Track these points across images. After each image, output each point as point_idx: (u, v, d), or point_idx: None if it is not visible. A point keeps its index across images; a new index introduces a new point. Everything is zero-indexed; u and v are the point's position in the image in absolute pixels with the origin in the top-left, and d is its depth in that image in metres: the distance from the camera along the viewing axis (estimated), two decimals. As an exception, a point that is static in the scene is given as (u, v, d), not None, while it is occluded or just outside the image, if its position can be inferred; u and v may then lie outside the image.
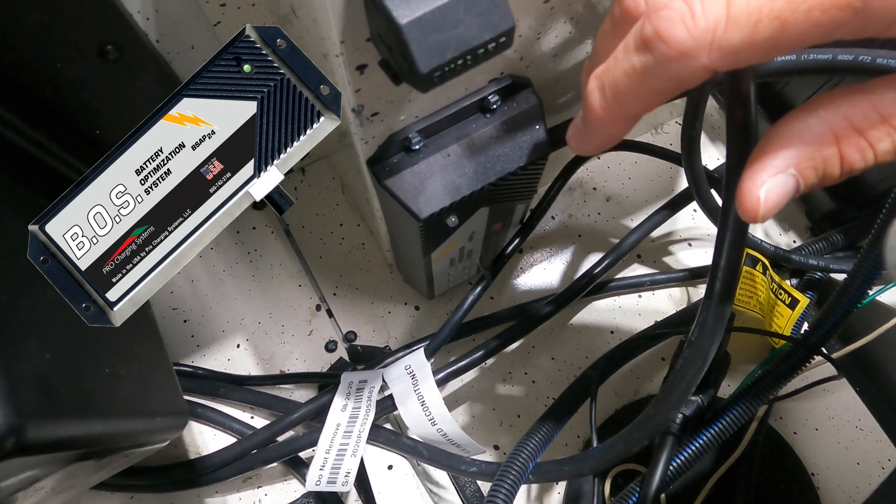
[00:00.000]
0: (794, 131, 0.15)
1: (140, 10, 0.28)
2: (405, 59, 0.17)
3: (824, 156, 0.15)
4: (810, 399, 0.41)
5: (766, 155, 0.15)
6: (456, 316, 0.36)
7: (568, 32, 0.27)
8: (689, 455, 0.31)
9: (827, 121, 0.15)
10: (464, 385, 0.42)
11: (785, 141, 0.15)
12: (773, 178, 0.15)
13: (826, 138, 0.15)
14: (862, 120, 0.14)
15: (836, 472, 0.40)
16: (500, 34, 0.17)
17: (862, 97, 0.15)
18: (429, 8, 0.16)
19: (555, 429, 0.34)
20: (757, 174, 0.15)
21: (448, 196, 0.27)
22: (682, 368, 0.24)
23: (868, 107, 0.14)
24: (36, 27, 0.26)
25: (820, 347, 0.32)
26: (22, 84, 0.28)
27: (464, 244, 0.34)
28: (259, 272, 0.45)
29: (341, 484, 0.34)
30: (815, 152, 0.15)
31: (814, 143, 0.15)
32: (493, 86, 0.27)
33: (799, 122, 0.15)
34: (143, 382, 0.29)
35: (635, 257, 0.46)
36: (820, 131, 0.15)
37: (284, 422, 0.38)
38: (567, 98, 0.33)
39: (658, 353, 0.42)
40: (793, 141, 0.15)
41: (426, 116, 0.26)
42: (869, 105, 0.14)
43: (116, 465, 0.30)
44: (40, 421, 0.20)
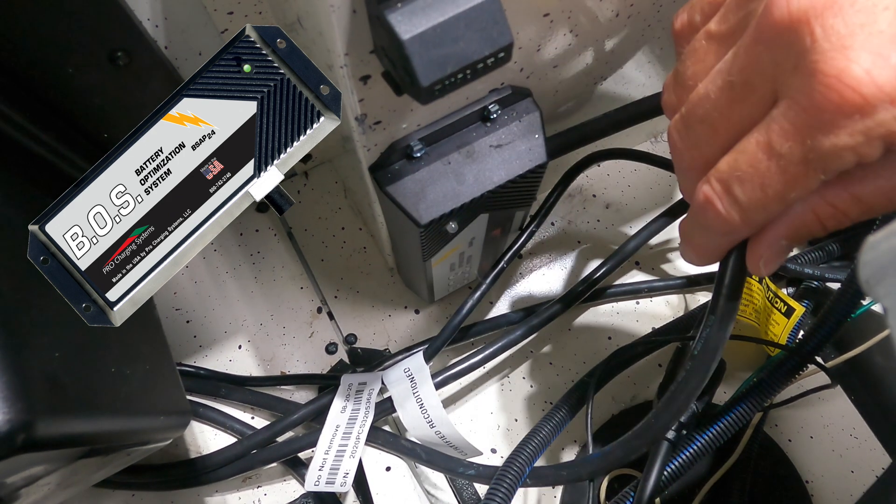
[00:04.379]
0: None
1: (150, 18, 0.29)
2: (407, 72, 0.17)
3: (805, 222, 0.17)
4: (805, 407, 0.41)
5: (762, 232, 0.18)
6: (455, 320, 0.36)
7: (567, 44, 0.27)
8: (683, 461, 0.32)
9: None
10: (462, 388, 0.43)
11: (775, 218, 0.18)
12: (769, 250, 0.18)
13: (806, 212, 0.17)
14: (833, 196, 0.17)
15: (830, 479, 0.40)
16: (499, 49, 0.17)
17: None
18: (430, 24, 0.17)
19: (552, 433, 0.35)
20: (755, 251, 0.19)
21: (448, 203, 0.27)
22: (685, 380, 0.25)
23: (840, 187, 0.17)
24: (48, 33, 0.27)
25: (813, 356, 0.32)
26: (34, 88, 0.29)
27: (463, 250, 0.35)
28: (261, 274, 0.45)
29: (340, 484, 0.34)
30: (799, 222, 0.18)
31: (797, 216, 0.17)
32: (494, 95, 0.27)
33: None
34: (147, 382, 0.29)
35: (634, 264, 0.46)
36: (802, 209, 0.17)
37: (284, 422, 0.38)
38: (566, 107, 0.34)
39: (655, 360, 0.43)
40: (782, 217, 0.18)
41: (428, 125, 0.27)
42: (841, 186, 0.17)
43: (119, 462, 0.30)
44: (49, 418, 0.21)
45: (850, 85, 0.14)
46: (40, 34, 0.26)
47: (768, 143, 0.16)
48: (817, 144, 0.15)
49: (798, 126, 0.15)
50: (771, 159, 0.16)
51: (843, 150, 0.14)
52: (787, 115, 0.15)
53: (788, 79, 0.15)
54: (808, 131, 0.15)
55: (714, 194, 0.18)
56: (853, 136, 0.14)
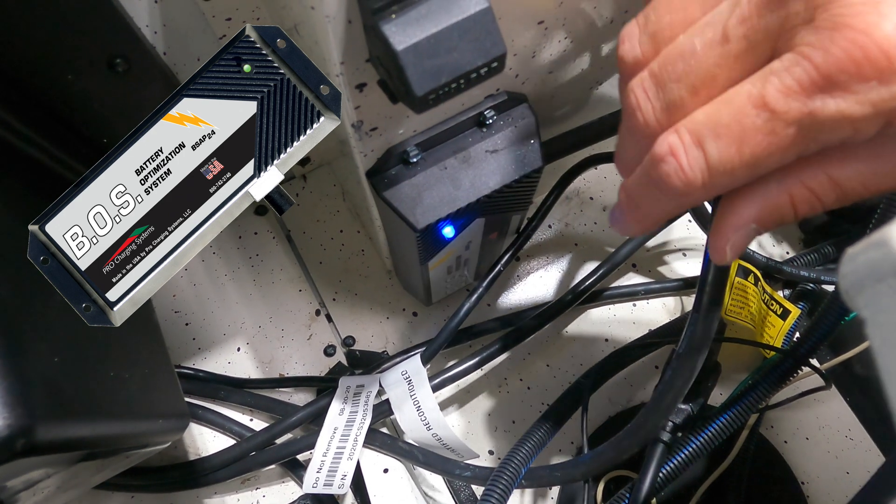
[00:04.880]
0: (758, 189, 0.16)
1: (148, 25, 0.29)
2: (401, 82, 0.18)
3: (779, 205, 0.16)
4: (801, 409, 0.42)
5: (730, 213, 0.17)
6: (452, 323, 0.37)
7: (562, 50, 0.28)
8: (678, 462, 0.32)
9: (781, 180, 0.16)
10: (459, 390, 0.43)
11: (745, 198, 0.16)
12: (736, 234, 0.17)
13: (781, 194, 0.16)
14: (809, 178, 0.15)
15: (825, 481, 0.40)
16: (492, 59, 0.18)
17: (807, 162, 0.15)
18: (424, 35, 0.17)
19: (548, 435, 0.35)
20: (722, 233, 0.17)
21: (444, 207, 0.27)
22: (671, 379, 0.25)
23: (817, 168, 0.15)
24: (48, 40, 0.27)
25: (807, 359, 0.33)
26: (34, 94, 0.29)
27: (460, 253, 0.35)
28: (260, 277, 0.46)
29: (338, 486, 0.34)
30: (772, 204, 0.16)
31: (770, 198, 0.16)
32: (490, 101, 0.27)
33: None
34: (146, 385, 0.30)
35: (630, 266, 0.46)
36: (776, 190, 0.16)
37: (283, 424, 0.38)
38: (562, 112, 0.34)
39: (651, 362, 0.43)
40: (754, 198, 0.16)
41: (424, 130, 0.27)
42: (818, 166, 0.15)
43: (118, 465, 0.30)
44: (49, 422, 0.21)
45: (880, 44, 0.12)
46: (40, 41, 0.27)
47: (762, 96, 0.14)
48: (820, 107, 0.13)
49: (803, 84, 0.13)
50: (760, 115, 0.14)
51: (845, 119, 0.13)
52: (793, 71, 0.13)
53: (800, 31, 0.13)
54: (814, 91, 0.13)
55: (681, 146, 0.15)
56: (862, 105, 0.13)
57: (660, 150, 0.16)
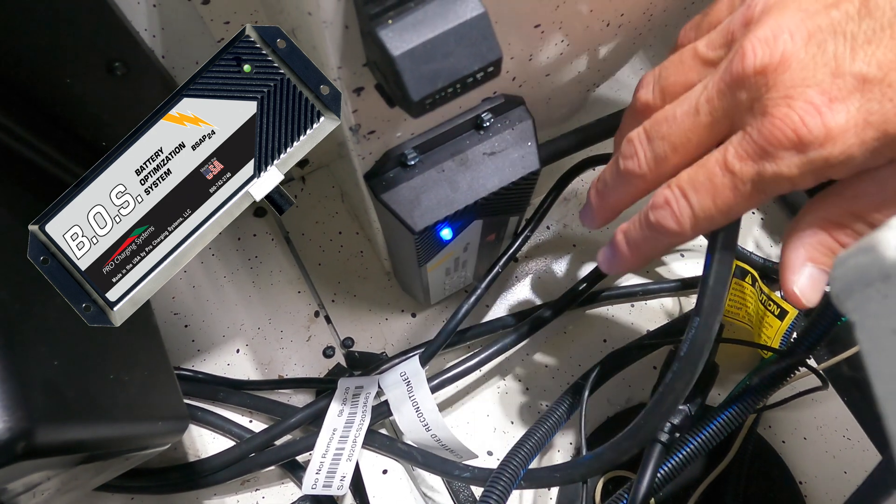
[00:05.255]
0: (802, 235, 0.21)
1: (147, 28, 0.29)
2: (398, 86, 0.18)
3: (829, 246, 0.20)
4: (799, 409, 0.42)
5: (787, 260, 0.21)
6: (451, 324, 0.37)
7: (559, 53, 0.28)
8: (676, 463, 0.32)
9: (824, 220, 0.20)
10: (458, 391, 0.43)
11: (797, 244, 0.21)
12: (797, 276, 0.21)
13: (826, 240, 0.20)
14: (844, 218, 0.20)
15: (823, 480, 0.40)
16: (488, 64, 0.18)
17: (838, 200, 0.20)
18: (421, 40, 0.17)
19: (547, 436, 0.35)
20: (787, 278, 0.21)
21: (442, 210, 0.27)
22: (671, 381, 0.25)
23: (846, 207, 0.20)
24: (47, 44, 0.27)
25: (804, 359, 0.33)
26: (32, 98, 0.29)
27: (458, 255, 0.35)
28: (259, 278, 0.46)
29: (337, 488, 0.34)
30: (820, 247, 0.21)
31: (817, 243, 0.20)
32: (487, 104, 0.27)
33: (804, 225, 0.21)
34: (145, 388, 0.30)
35: (628, 267, 0.47)
36: (819, 236, 0.20)
37: (282, 426, 0.38)
38: (559, 114, 0.34)
39: (650, 362, 0.43)
40: (802, 243, 0.21)
41: (421, 133, 0.27)
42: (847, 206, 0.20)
43: (118, 467, 0.30)
44: (49, 425, 0.21)
45: (791, 127, 0.17)
46: (39, 45, 0.27)
47: (725, 161, 0.19)
48: (763, 169, 0.18)
49: (750, 153, 0.18)
50: (725, 175, 0.19)
51: (782, 176, 0.18)
52: (742, 144, 0.19)
53: (745, 115, 0.19)
54: (757, 157, 0.18)
55: (673, 198, 0.21)
56: (790, 167, 0.18)
57: (658, 201, 0.21)
